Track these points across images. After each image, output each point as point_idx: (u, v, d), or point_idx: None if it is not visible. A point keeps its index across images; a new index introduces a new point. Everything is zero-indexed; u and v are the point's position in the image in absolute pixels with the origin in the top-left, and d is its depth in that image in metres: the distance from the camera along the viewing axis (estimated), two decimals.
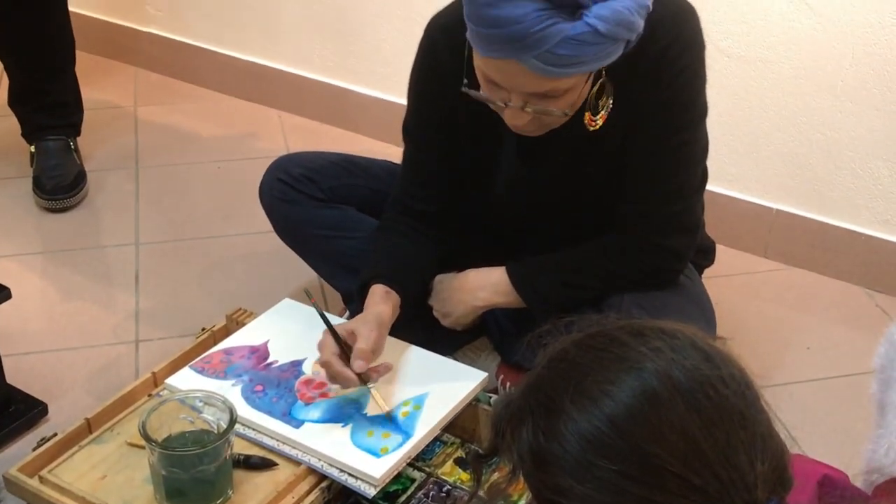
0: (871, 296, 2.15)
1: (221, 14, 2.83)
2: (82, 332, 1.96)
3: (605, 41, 1.27)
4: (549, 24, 1.24)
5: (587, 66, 1.31)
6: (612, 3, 1.26)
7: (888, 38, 1.97)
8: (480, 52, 1.33)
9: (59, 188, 2.34)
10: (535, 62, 1.28)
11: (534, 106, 1.38)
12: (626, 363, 0.78)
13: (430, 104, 1.61)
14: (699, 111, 1.54)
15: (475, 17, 1.30)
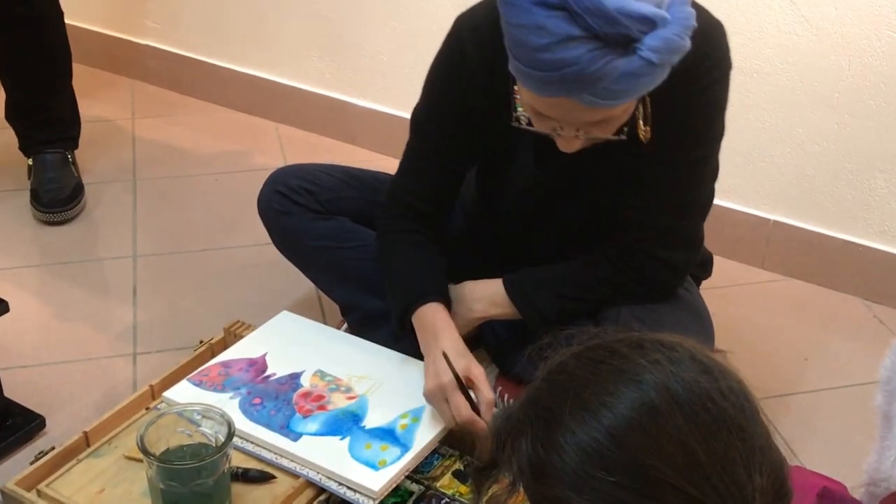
0: (868, 307, 2.15)
1: (219, 27, 2.84)
2: (80, 345, 1.96)
3: (658, 70, 1.27)
4: (603, 63, 1.23)
5: (640, 93, 1.32)
6: (661, 31, 1.24)
7: (884, 50, 1.97)
8: (533, 91, 1.32)
9: (56, 201, 2.34)
10: (589, 98, 1.27)
11: (586, 134, 1.37)
12: (625, 375, 0.78)
13: (450, 101, 1.60)
14: (719, 129, 1.54)
15: (528, 61, 1.28)
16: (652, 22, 1.23)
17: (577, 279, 1.61)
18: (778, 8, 2.04)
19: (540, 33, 1.24)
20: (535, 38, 1.24)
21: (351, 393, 1.61)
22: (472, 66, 1.54)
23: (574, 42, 1.22)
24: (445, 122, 1.61)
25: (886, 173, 2.07)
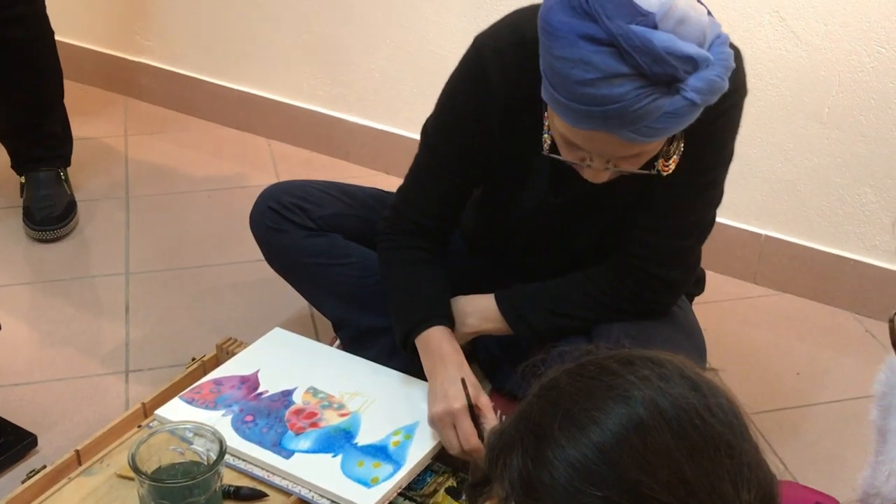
0: (860, 321, 2.15)
1: (212, 44, 2.84)
2: (72, 363, 1.95)
3: (698, 109, 1.28)
4: (648, 102, 1.23)
5: (677, 131, 1.33)
6: (704, 72, 1.25)
7: (874, 66, 1.99)
8: (570, 123, 1.31)
9: (49, 219, 2.34)
10: (629, 134, 1.27)
11: (616, 167, 1.37)
12: (614, 391, 0.78)
13: (466, 121, 1.57)
14: (730, 154, 1.56)
15: (569, 94, 1.27)
16: (696, 63, 1.23)
17: (570, 297, 1.61)
18: (768, 24, 2.05)
19: (586, 68, 1.23)
20: (581, 72, 1.24)
21: (343, 410, 1.61)
22: (494, 88, 1.51)
23: (620, 79, 1.22)
24: (458, 141, 1.59)
25: (877, 188, 2.08)
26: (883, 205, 2.09)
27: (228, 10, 2.76)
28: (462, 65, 1.57)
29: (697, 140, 1.49)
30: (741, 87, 1.51)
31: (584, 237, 1.65)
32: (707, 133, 1.49)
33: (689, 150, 1.49)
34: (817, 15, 2.00)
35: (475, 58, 1.54)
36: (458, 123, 1.59)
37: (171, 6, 2.86)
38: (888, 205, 2.08)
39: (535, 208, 1.61)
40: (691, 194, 1.55)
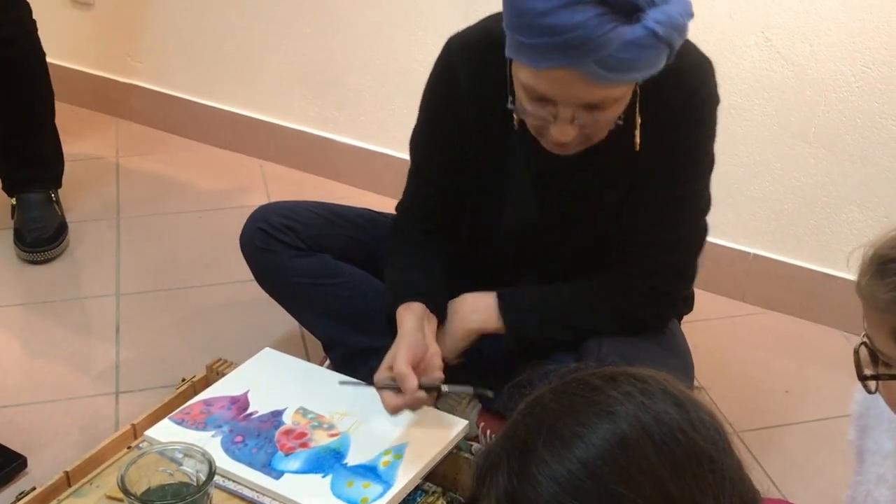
0: (848, 338, 2.16)
1: (203, 66, 2.86)
2: (62, 385, 1.95)
3: (660, 45, 1.28)
4: (609, 29, 1.24)
5: (639, 73, 1.32)
6: (666, 7, 1.27)
7: (859, 86, 2.00)
8: (533, 64, 1.32)
9: (39, 241, 2.34)
10: (593, 68, 1.27)
11: (582, 118, 1.37)
12: (598, 407, 0.79)
13: (443, 121, 1.61)
14: (708, 163, 1.57)
15: (528, 29, 1.28)
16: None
17: (571, 305, 1.62)
18: (754, 45, 2.07)
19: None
20: (541, 3, 1.26)
21: (333, 430, 1.61)
22: (462, 82, 1.55)
23: (581, 6, 1.24)
24: (440, 144, 1.63)
25: (864, 207, 2.10)
26: (870, 223, 2.10)
27: (219, 32, 2.78)
28: (434, 68, 1.62)
29: (673, 154, 1.51)
30: (712, 97, 1.53)
31: (567, 247, 1.65)
32: (682, 146, 1.51)
33: (667, 164, 1.51)
34: (803, 35, 2.02)
35: (444, 55, 1.59)
36: (436, 127, 1.63)
37: (162, 28, 2.87)
38: (875, 223, 2.10)
39: (516, 210, 1.63)
40: (673, 207, 1.56)
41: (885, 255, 1.05)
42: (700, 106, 1.51)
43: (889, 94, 1.99)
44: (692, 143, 1.53)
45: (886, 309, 1.03)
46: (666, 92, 1.44)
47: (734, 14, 2.06)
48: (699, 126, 1.52)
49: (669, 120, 1.49)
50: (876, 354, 1.07)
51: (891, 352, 1.05)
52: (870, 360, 1.08)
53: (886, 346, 1.05)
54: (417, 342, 1.53)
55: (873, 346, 1.07)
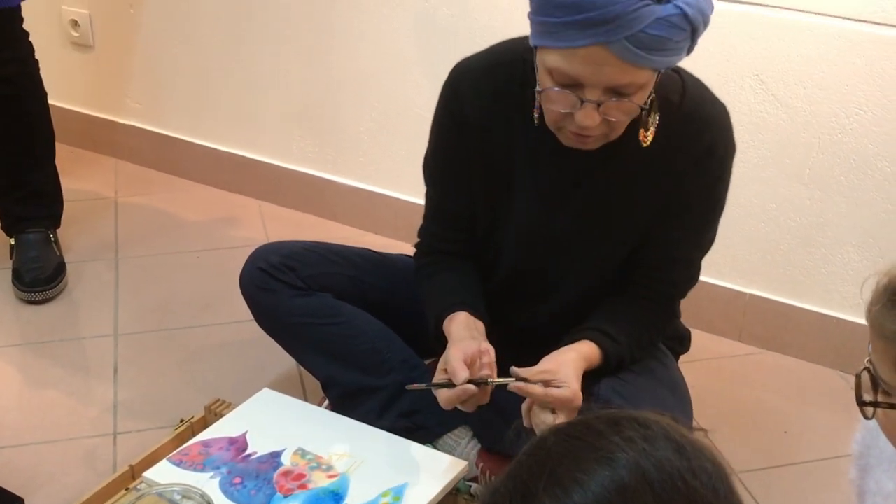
0: (845, 378, 2.17)
1: (201, 106, 2.88)
2: (60, 425, 1.95)
3: (687, 27, 1.34)
4: (643, 5, 1.30)
5: (667, 57, 1.37)
6: None
7: (853, 128, 2.02)
8: (567, 42, 1.35)
9: (38, 280, 2.35)
10: (625, 44, 1.32)
11: (608, 104, 1.40)
12: (599, 452, 0.79)
13: (450, 146, 1.65)
14: (721, 208, 1.64)
15: (563, 8, 1.33)
16: None
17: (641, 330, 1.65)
18: (749, 87, 2.09)
19: None
20: None
21: (332, 471, 1.61)
22: (467, 106, 1.59)
23: None
24: (449, 168, 1.66)
25: (859, 247, 2.11)
26: (866, 264, 2.11)
27: (217, 73, 2.80)
28: (441, 93, 1.66)
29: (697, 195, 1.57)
30: (731, 146, 1.60)
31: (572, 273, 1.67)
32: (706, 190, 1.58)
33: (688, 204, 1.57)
34: (797, 78, 2.05)
35: (452, 84, 1.63)
36: (444, 150, 1.67)
37: (161, 70, 2.90)
38: (871, 264, 2.11)
39: (525, 232, 1.64)
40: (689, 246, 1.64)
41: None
42: (721, 159, 1.58)
43: (882, 135, 2.01)
44: (710, 191, 1.60)
45: (893, 339, 1.04)
46: (688, 138, 1.51)
47: (729, 57, 2.09)
48: (719, 179, 1.60)
49: (690, 169, 1.55)
50: (877, 381, 1.08)
51: (892, 381, 1.06)
52: (871, 387, 1.09)
53: (889, 376, 1.06)
54: (467, 342, 1.54)
55: (876, 373, 1.08)
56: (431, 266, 1.73)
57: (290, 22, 2.62)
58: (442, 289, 1.69)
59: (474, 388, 1.48)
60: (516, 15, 1.44)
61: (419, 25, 2.43)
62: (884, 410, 1.09)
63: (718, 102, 1.57)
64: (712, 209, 1.63)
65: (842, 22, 1.97)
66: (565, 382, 1.46)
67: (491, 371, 1.51)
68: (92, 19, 2.93)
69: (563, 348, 1.55)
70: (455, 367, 1.48)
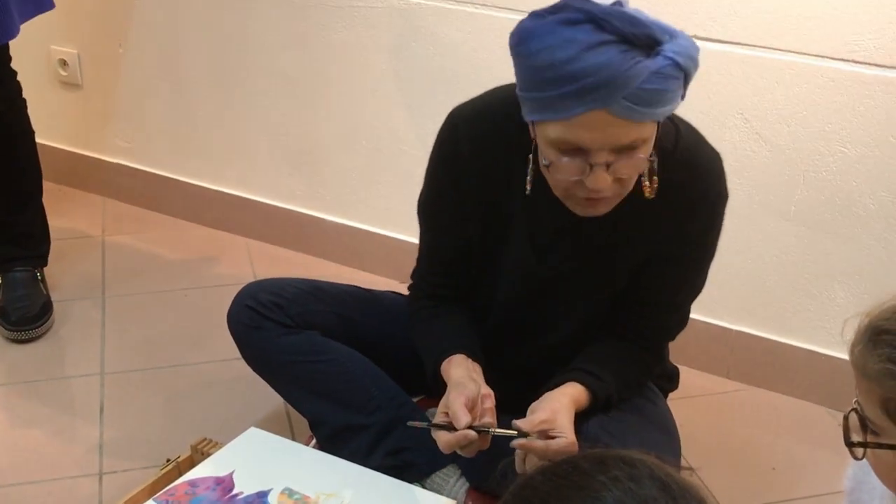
0: (833, 415, 2.17)
1: (189, 145, 2.88)
2: (45, 465, 1.93)
3: (680, 75, 1.35)
4: (634, 63, 1.31)
5: (665, 107, 1.38)
6: (678, 41, 1.34)
7: (836, 166, 2.04)
8: (564, 113, 1.35)
9: (24, 319, 2.34)
10: (625, 104, 1.32)
11: (616, 164, 1.40)
12: (584, 492, 0.79)
13: (446, 190, 1.65)
14: (712, 254, 1.65)
15: (555, 81, 1.33)
16: (669, 32, 1.34)
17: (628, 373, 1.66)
18: (733, 126, 2.11)
19: (569, 45, 1.31)
20: (565, 51, 1.32)
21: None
22: (466, 158, 1.59)
23: (604, 46, 1.30)
24: (444, 212, 1.67)
25: (845, 284, 2.12)
26: (852, 300, 2.12)
27: (205, 112, 2.81)
28: (438, 137, 1.66)
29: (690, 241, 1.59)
30: (724, 195, 1.61)
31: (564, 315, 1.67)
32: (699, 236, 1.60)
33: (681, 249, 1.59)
34: (780, 116, 2.07)
35: (448, 130, 1.63)
36: (440, 194, 1.67)
37: (149, 108, 2.91)
38: (857, 300, 2.12)
39: (517, 276, 1.65)
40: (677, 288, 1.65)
41: (879, 326, 1.07)
42: (714, 206, 1.60)
43: (866, 173, 2.02)
44: (701, 239, 1.62)
45: (876, 379, 1.05)
46: (681, 186, 1.52)
47: (713, 96, 2.11)
48: (711, 227, 1.61)
49: (682, 216, 1.56)
50: (865, 422, 1.08)
51: (879, 420, 1.06)
52: (859, 427, 1.10)
53: (875, 415, 1.07)
54: (469, 387, 1.54)
55: (863, 413, 1.08)
56: (426, 310, 1.73)
57: (278, 61, 2.63)
58: (438, 332, 1.69)
59: (475, 435, 1.48)
60: (504, 55, 1.45)
61: (405, 65, 2.45)
62: (873, 450, 1.09)
63: (711, 149, 1.58)
64: (703, 255, 1.64)
65: (823, 61, 2.00)
66: (562, 432, 1.46)
67: (492, 417, 1.51)
68: (80, 59, 2.94)
69: (554, 393, 1.55)
70: (457, 411, 1.48)
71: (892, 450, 1.06)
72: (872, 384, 1.05)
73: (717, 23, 2.06)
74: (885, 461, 1.09)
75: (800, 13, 1.98)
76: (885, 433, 1.07)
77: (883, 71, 1.95)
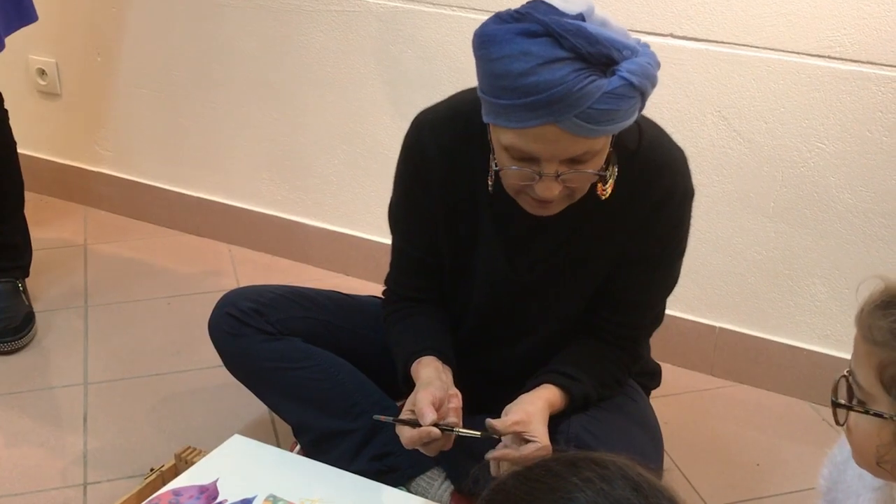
0: (816, 409, 2.18)
1: (170, 152, 2.88)
2: (29, 477, 1.92)
3: (635, 94, 1.34)
4: (588, 82, 1.30)
5: (619, 123, 1.37)
6: (636, 59, 1.33)
7: (815, 161, 2.05)
8: (516, 124, 1.35)
9: (6, 331, 2.33)
10: (575, 121, 1.32)
11: (566, 174, 1.40)
12: (556, 494, 0.79)
13: (415, 197, 1.65)
14: (682, 250, 1.65)
15: (509, 91, 1.33)
16: (628, 49, 1.32)
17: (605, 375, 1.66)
18: (711, 124, 2.12)
19: (526, 58, 1.31)
20: (521, 63, 1.31)
21: None
22: (432, 162, 1.59)
23: (560, 63, 1.30)
24: (414, 218, 1.67)
25: (825, 279, 2.13)
26: (832, 295, 2.14)
27: (185, 118, 2.81)
28: (403, 144, 1.66)
29: (657, 239, 1.58)
30: (689, 191, 1.61)
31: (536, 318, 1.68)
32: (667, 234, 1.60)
33: (645, 250, 1.58)
34: (758, 113, 2.07)
35: (414, 135, 1.64)
36: (409, 201, 1.67)
37: (129, 116, 2.90)
38: (837, 295, 2.13)
39: (489, 280, 1.65)
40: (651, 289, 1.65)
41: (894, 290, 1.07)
42: (680, 204, 1.59)
43: (844, 167, 2.03)
44: (670, 237, 1.61)
45: (879, 342, 1.05)
46: (646, 185, 1.52)
47: (690, 94, 2.12)
48: (679, 224, 1.61)
49: (649, 215, 1.56)
50: (853, 390, 1.09)
51: (869, 387, 1.07)
52: (846, 395, 1.10)
53: (867, 381, 1.07)
54: (437, 386, 1.54)
55: (854, 380, 1.09)
56: (399, 312, 1.73)
57: (257, 67, 2.63)
58: (410, 333, 1.69)
59: (438, 432, 1.48)
60: None
61: (385, 69, 2.45)
62: (854, 419, 1.10)
63: (675, 147, 1.58)
64: (673, 253, 1.64)
65: (799, 58, 2.00)
66: (536, 436, 1.47)
67: (457, 417, 1.51)
68: (59, 68, 2.93)
69: (528, 395, 1.56)
70: (423, 408, 1.48)
71: (876, 417, 1.06)
72: (874, 347, 1.06)
73: (693, 21, 2.07)
74: (864, 429, 1.09)
75: (776, 10, 1.99)
76: (872, 401, 1.07)
77: (859, 67, 1.96)
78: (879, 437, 1.07)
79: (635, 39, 1.38)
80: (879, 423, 1.07)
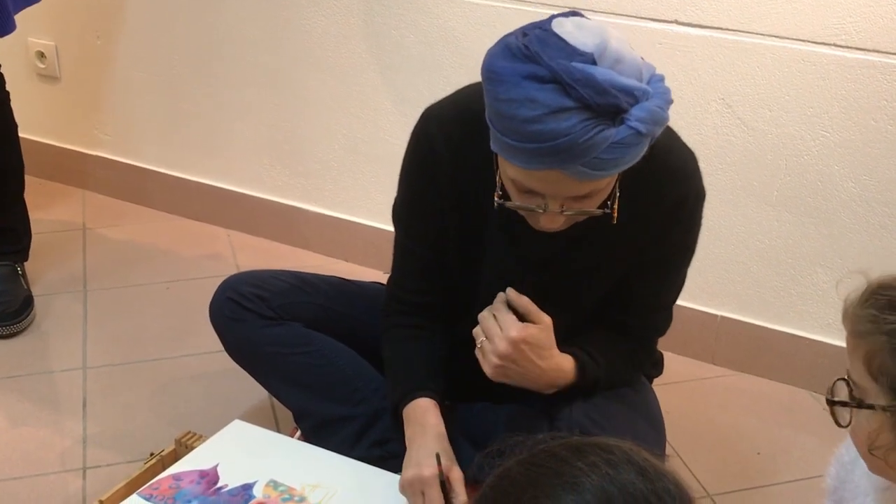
0: (817, 399, 2.18)
1: (169, 136, 2.87)
2: (28, 461, 1.92)
3: (643, 140, 1.32)
4: (595, 133, 1.27)
5: (624, 167, 1.35)
6: (646, 104, 1.30)
7: (818, 150, 2.04)
8: (521, 165, 1.33)
9: (5, 314, 2.32)
10: (580, 169, 1.30)
11: (571, 209, 1.39)
12: (562, 478, 0.79)
13: (422, 194, 1.62)
14: (693, 252, 1.64)
15: (515, 133, 1.30)
16: (637, 94, 1.29)
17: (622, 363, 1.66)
18: (715, 111, 2.11)
19: (532, 106, 1.27)
20: (527, 110, 1.27)
21: (305, 502, 1.59)
22: (441, 160, 1.56)
23: (566, 113, 1.26)
24: (421, 215, 1.64)
25: (828, 268, 2.13)
26: (835, 284, 2.12)
27: (185, 103, 2.79)
28: (411, 139, 1.63)
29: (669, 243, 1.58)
30: (701, 195, 1.59)
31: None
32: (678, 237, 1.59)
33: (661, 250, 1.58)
34: (762, 101, 2.06)
35: (422, 132, 1.60)
36: (416, 197, 1.64)
37: (128, 100, 2.89)
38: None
39: (496, 278, 1.63)
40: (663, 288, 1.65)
41: (883, 283, 1.08)
42: (696, 205, 1.58)
43: (848, 156, 2.03)
44: (683, 240, 1.61)
45: (863, 333, 1.06)
46: (658, 190, 1.51)
47: (695, 81, 2.10)
48: (691, 228, 1.60)
49: (661, 218, 1.55)
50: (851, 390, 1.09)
51: (862, 380, 1.07)
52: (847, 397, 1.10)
53: (859, 374, 1.07)
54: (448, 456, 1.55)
55: (851, 380, 1.09)
56: (397, 329, 1.70)
57: (257, 51, 2.62)
58: (409, 359, 1.67)
59: None
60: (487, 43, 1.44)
61: (386, 53, 2.44)
62: (856, 420, 1.10)
63: (685, 150, 1.56)
64: (685, 256, 1.63)
65: (804, 45, 1.99)
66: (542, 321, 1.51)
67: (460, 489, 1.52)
68: (58, 51, 2.92)
69: None
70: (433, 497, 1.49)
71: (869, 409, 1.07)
72: (860, 340, 1.07)
73: (697, 7, 2.06)
74: (863, 425, 1.09)
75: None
76: (867, 395, 1.07)
77: (865, 55, 1.96)
78: (869, 425, 1.08)
79: (649, 71, 1.34)
80: (869, 412, 1.07)
